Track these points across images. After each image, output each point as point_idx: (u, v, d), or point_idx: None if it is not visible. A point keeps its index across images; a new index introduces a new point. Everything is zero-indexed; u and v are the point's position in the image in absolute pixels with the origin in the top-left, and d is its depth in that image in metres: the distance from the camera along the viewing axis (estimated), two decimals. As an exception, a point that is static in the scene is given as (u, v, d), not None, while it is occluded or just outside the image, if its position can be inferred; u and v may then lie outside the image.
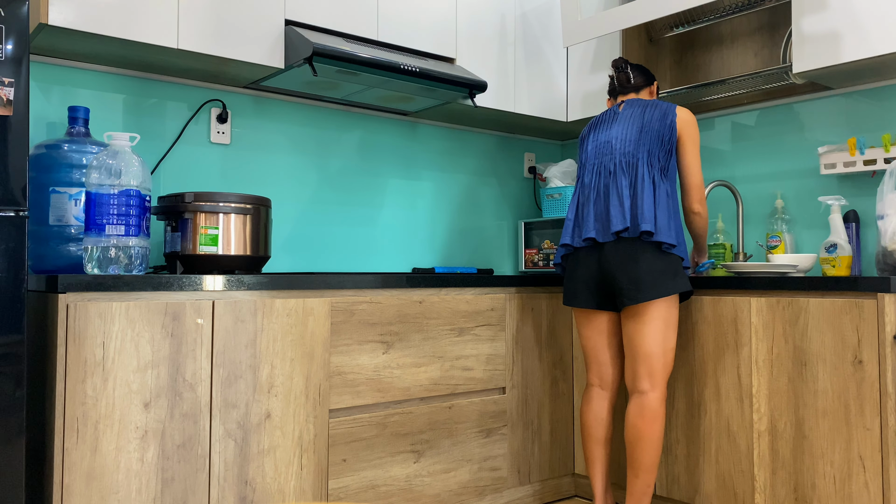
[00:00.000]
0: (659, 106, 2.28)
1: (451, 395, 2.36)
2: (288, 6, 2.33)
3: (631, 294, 2.13)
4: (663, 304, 2.14)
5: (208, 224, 2.02)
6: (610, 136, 2.29)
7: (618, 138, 2.26)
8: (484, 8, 2.86)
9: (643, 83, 2.42)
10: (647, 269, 2.12)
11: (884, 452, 1.91)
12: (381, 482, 2.17)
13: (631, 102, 2.33)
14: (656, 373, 2.15)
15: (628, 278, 2.13)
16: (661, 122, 2.24)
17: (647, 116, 2.26)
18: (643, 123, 2.25)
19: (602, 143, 2.30)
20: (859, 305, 1.95)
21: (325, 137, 2.76)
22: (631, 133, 2.25)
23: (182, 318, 1.81)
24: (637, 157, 2.21)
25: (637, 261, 2.13)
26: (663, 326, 2.15)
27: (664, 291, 2.12)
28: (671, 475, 2.38)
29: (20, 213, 1.53)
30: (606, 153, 2.27)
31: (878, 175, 2.51)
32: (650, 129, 2.23)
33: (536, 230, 3.15)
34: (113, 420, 1.71)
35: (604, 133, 2.31)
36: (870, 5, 2.24)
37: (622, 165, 2.22)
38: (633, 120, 2.27)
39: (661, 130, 2.23)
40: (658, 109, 2.27)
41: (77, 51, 2.14)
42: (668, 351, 2.16)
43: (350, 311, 2.12)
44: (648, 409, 2.15)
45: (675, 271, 2.15)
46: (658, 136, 2.22)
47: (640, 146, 2.22)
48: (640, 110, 2.28)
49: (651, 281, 2.12)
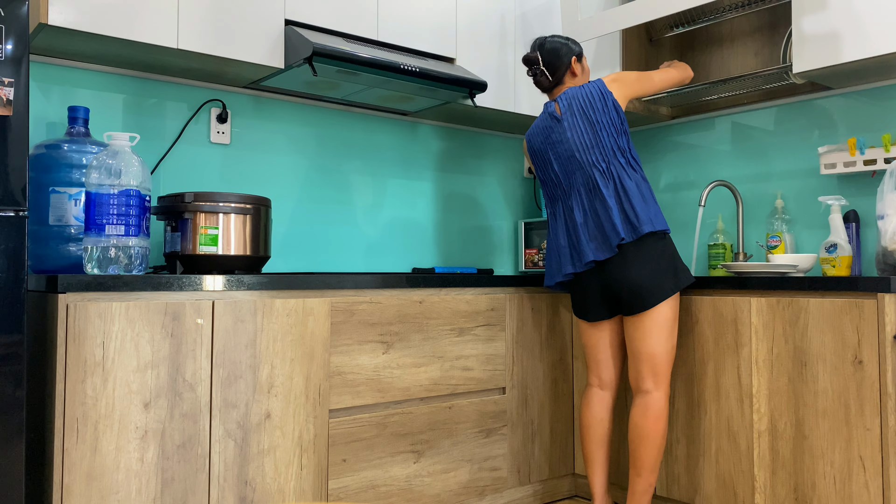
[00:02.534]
0: (592, 92, 2.21)
1: (451, 395, 2.36)
2: (288, 6, 2.33)
3: (638, 303, 2.14)
4: (666, 304, 2.15)
5: (208, 224, 2.02)
6: (569, 149, 2.22)
7: (578, 149, 2.20)
8: (484, 8, 2.86)
9: (563, 70, 2.30)
10: (648, 273, 2.12)
11: (884, 452, 1.91)
12: (381, 482, 2.17)
13: (566, 99, 2.25)
14: (660, 372, 2.16)
15: (631, 288, 2.13)
16: (604, 110, 2.18)
17: (590, 111, 2.19)
18: (591, 121, 2.19)
19: (566, 159, 2.23)
20: (859, 305, 1.95)
21: (325, 137, 2.76)
22: (586, 138, 2.19)
23: (182, 318, 1.81)
24: (607, 161, 2.17)
25: (637, 267, 2.12)
26: (667, 326, 2.15)
27: (668, 292, 2.13)
28: (671, 475, 2.38)
29: (20, 213, 1.53)
30: (576, 169, 2.21)
31: (878, 175, 2.51)
32: (600, 124, 2.18)
33: (536, 230, 3.14)
34: (113, 420, 1.71)
35: (562, 147, 2.24)
36: (870, 5, 2.24)
37: (596, 177, 2.18)
38: (579, 121, 2.21)
39: (607, 116, 2.18)
40: (594, 96, 2.20)
41: (77, 51, 2.14)
42: (671, 349, 2.17)
43: (350, 311, 2.12)
44: (653, 408, 2.15)
45: (675, 267, 2.16)
46: (610, 124, 2.18)
47: (602, 148, 2.17)
48: (579, 106, 2.21)
49: (654, 285, 2.12)
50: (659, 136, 3.20)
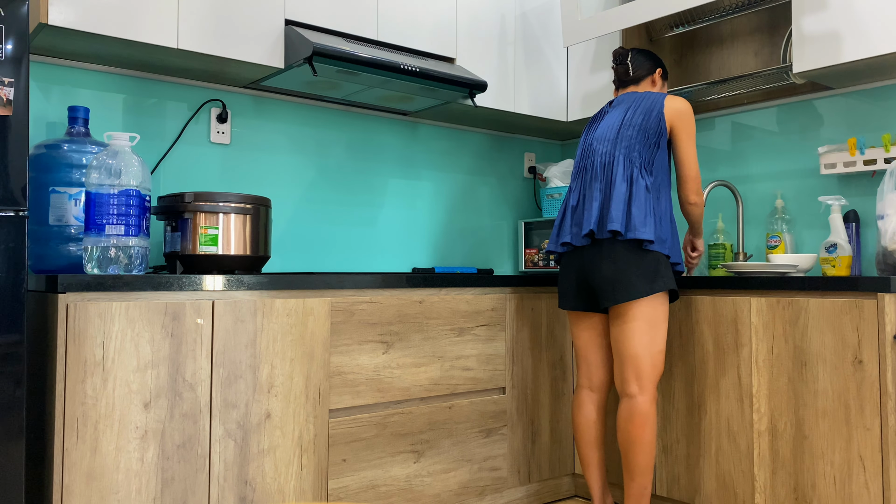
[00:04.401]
0: (647, 97, 2.23)
1: (451, 395, 2.36)
2: (288, 6, 2.33)
3: (607, 295, 2.11)
4: (646, 305, 2.10)
5: (208, 224, 2.02)
6: (593, 136, 2.27)
7: (598, 138, 2.23)
8: (484, 8, 2.86)
9: (644, 73, 2.35)
10: (622, 270, 2.09)
11: (884, 452, 1.91)
12: (381, 482, 2.17)
13: (622, 98, 2.29)
14: (644, 375, 2.12)
15: (603, 279, 2.12)
16: (645, 115, 2.19)
17: (632, 111, 2.21)
18: (625, 119, 2.20)
19: (587, 144, 2.28)
20: (859, 305, 1.95)
21: (325, 137, 2.76)
22: (611, 131, 2.21)
23: (182, 318, 1.81)
24: (614, 156, 2.17)
25: (613, 262, 2.10)
26: (647, 327, 2.11)
27: (642, 292, 2.08)
28: (671, 475, 2.38)
29: (20, 213, 1.53)
30: (588, 155, 2.25)
31: (878, 175, 2.51)
32: (632, 124, 2.18)
33: (536, 230, 3.14)
34: (113, 420, 1.71)
35: (591, 133, 2.29)
36: (870, 5, 2.24)
37: (600, 166, 2.19)
38: (617, 117, 2.23)
39: (645, 124, 2.18)
40: (646, 101, 2.21)
41: (77, 51, 2.14)
42: (655, 353, 2.13)
43: (350, 311, 2.12)
44: (637, 413, 2.12)
45: (654, 271, 2.10)
46: (641, 130, 2.17)
47: (618, 144, 2.18)
48: (626, 105, 2.24)
49: (627, 281, 2.08)
50: (659, 136, 3.19)
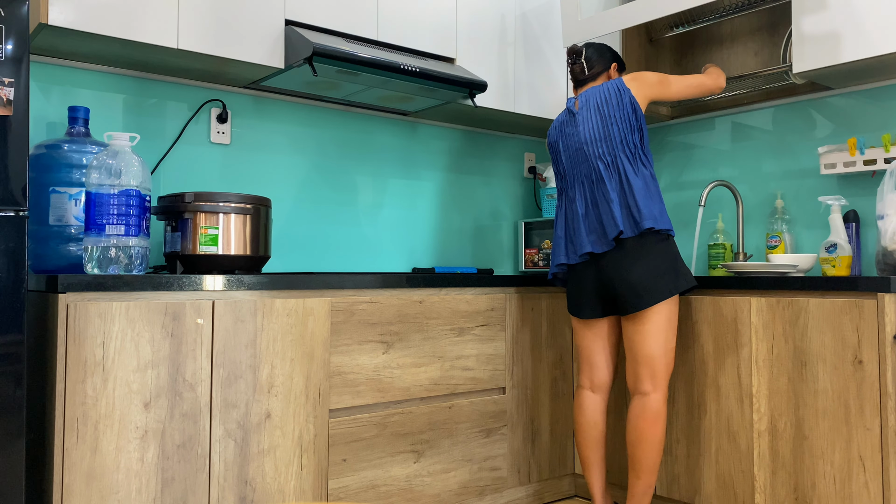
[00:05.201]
0: (609, 88, 2.21)
1: (451, 395, 2.37)
2: (288, 6, 2.33)
3: (633, 302, 2.11)
4: (665, 306, 2.13)
5: (208, 224, 2.02)
6: (579, 141, 2.23)
7: (587, 142, 2.21)
8: (484, 8, 2.86)
9: (601, 69, 2.33)
10: (647, 273, 2.10)
11: (884, 452, 1.91)
12: (381, 482, 2.17)
13: (585, 97, 2.26)
14: (658, 374, 2.14)
15: (628, 286, 2.11)
16: (619, 105, 2.18)
17: (604, 107, 2.20)
18: (603, 115, 2.20)
19: (574, 151, 2.25)
20: (859, 305, 1.95)
21: (325, 137, 2.76)
22: (596, 131, 2.20)
23: (182, 318, 1.81)
24: (613, 155, 2.17)
25: (636, 265, 2.11)
26: (665, 328, 2.14)
27: (666, 294, 2.11)
28: (671, 475, 2.38)
29: (20, 213, 1.53)
30: (582, 161, 2.22)
31: (878, 175, 2.51)
32: (612, 118, 2.18)
33: (536, 230, 3.15)
34: (113, 420, 1.71)
35: (572, 139, 2.26)
36: (870, 5, 2.24)
37: (601, 169, 2.18)
38: (592, 115, 2.22)
39: (622, 113, 2.18)
40: (610, 92, 2.20)
41: (77, 51, 2.14)
42: (669, 351, 2.15)
43: (350, 311, 2.12)
44: (651, 410, 2.14)
45: (675, 269, 2.13)
46: (623, 120, 2.17)
47: (610, 141, 2.17)
48: (595, 102, 2.22)
49: (652, 285, 2.10)
50: (659, 136, 3.20)
